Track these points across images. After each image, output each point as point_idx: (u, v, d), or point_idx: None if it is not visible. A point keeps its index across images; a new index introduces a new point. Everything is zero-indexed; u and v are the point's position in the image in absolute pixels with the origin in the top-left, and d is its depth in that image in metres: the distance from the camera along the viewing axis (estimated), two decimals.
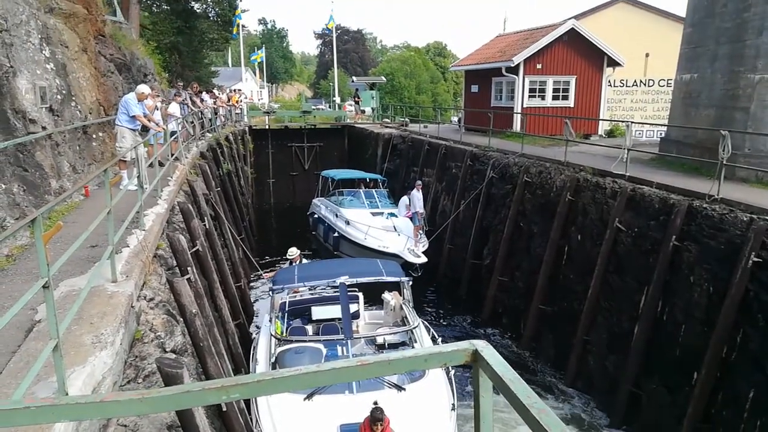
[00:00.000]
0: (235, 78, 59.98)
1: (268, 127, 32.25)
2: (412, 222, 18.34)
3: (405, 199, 19.10)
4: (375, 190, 21.43)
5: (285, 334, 10.55)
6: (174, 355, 6.17)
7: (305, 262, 15.12)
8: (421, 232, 18.38)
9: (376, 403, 7.30)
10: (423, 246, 17.64)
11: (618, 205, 12.00)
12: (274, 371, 1.71)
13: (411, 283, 12.05)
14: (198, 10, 35.88)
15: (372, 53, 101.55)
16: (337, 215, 19.99)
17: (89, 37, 13.03)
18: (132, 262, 6.56)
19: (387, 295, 12.54)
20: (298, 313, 12.07)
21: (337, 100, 43.93)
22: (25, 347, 4.42)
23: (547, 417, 1.39)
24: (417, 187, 18.92)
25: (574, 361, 12.67)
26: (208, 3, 36.60)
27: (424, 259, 16.47)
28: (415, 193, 18.58)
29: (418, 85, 65.82)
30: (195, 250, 10.04)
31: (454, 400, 8.57)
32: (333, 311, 11.71)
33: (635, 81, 26.78)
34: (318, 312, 11.99)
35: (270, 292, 11.89)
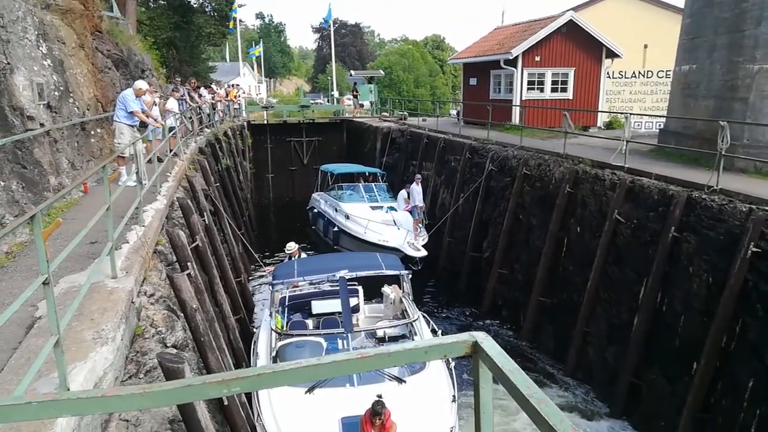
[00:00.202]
0: (233, 73, 59.73)
1: (266, 122, 32.15)
2: (412, 215, 18.34)
3: (403, 192, 19.11)
4: (374, 184, 21.40)
5: (285, 329, 10.56)
6: (175, 351, 6.18)
7: (304, 256, 15.11)
8: (420, 225, 18.39)
9: (380, 396, 7.32)
10: (423, 239, 17.65)
11: (617, 196, 12.00)
12: (275, 365, 1.71)
13: (410, 276, 12.05)
14: (195, 5, 35.72)
15: (370, 47, 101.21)
16: (336, 209, 19.98)
17: (86, 33, 12.99)
18: (132, 258, 6.57)
19: (387, 288, 12.54)
20: (298, 307, 12.08)
21: (336, 94, 43.89)
22: (26, 344, 4.43)
23: (547, 407, 1.40)
24: (416, 180, 18.92)
25: (573, 352, 12.72)
26: None
27: (424, 253, 16.47)
28: (415, 187, 18.58)
29: (416, 79, 65.76)
30: (195, 245, 10.05)
31: (455, 392, 8.59)
32: (333, 305, 11.72)
33: (634, 72, 26.72)
34: (318, 306, 12.01)
35: (270, 287, 11.91)
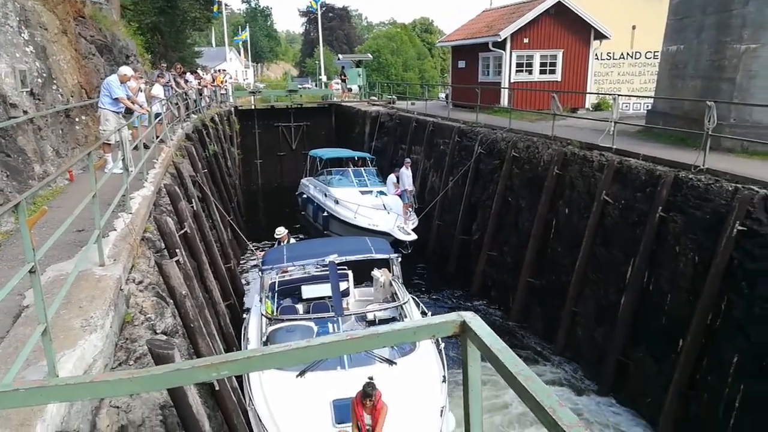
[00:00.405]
0: (219, 58, 59.01)
1: (254, 107, 31.85)
2: (401, 199, 18.34)
3: (392, 177, 19.09)
4: (363, 168, 21.31)
5: (276, 314, 10.58)
6: (165, 337, 6.18)
7: (293, 241, 15.10)
8: (410, 209, 18.41)
9: (371, 378, 7.38)
10: (413, 223, 17.69)
11: (605, 177, 12.07)
12: (264, 347, 1.71)
13: (400, 259, 12.09)
14: None
15: (358, 30, 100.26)
16: (326, 195, 19.92)
17: (69, 18, 12.75)
18: (119, 246, 6.53)
19: (376, 272, 12.58)
20: (288, 292, 12.09)
21: (324, 78, 43.57)
22: (14, 333, 4.40)
23: (534, 383, 1.42)
24: (406, 164, 18.89)
25: (562, 332, 12.86)
26: None
27: (413, 237, 16.51)
28: (404, 171, 18.56)
29: (404, 62, 65.28)
30: (183, 232, 10.00)
31: (445, 372, 8.68)
32: (323, 290, 11.74)
33: (622, 54, 26.68)
34: (308, 291, 12.02)
35: (259, 273, 11.90)
